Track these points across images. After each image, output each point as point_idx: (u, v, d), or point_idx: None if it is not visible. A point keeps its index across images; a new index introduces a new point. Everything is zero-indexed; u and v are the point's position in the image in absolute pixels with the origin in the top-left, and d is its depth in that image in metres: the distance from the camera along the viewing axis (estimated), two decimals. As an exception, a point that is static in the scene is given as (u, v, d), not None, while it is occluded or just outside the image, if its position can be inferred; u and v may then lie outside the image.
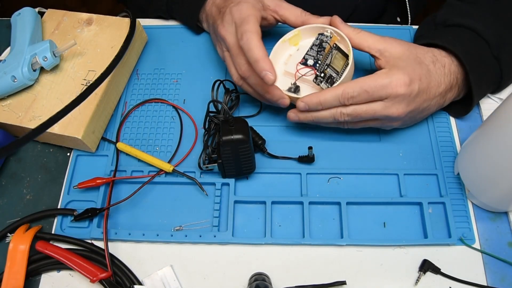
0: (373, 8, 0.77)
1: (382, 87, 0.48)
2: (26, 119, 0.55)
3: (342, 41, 0.54)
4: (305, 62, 0.54)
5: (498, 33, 0.53)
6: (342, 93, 0.49)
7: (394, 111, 0.50)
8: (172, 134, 0.58)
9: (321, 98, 0.50)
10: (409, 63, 0.50)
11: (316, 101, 0.50)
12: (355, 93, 0.49)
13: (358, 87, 0.49)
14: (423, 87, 0.50)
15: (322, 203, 0.53)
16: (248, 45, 0.49)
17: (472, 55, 0.51)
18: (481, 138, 0.48)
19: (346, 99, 0.49)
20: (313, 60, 0.54)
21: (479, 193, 0.50)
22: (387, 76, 0.49)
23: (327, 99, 0.50)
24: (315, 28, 0.56)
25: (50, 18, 0.63)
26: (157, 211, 0.53)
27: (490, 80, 0.54)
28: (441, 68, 0.52)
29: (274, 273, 0.49)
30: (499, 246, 0.50)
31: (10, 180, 0.56)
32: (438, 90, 0.52)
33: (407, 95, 0.49)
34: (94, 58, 0.59)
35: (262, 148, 0.55)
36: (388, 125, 0.54)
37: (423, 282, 0.49)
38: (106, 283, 0.48)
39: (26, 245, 0.48)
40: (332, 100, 0.50)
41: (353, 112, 0.50)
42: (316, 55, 0.54)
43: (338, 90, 0.49)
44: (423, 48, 0.53)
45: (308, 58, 0.54)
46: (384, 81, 0.48)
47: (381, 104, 0.49)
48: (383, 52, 0.51)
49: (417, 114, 0.53)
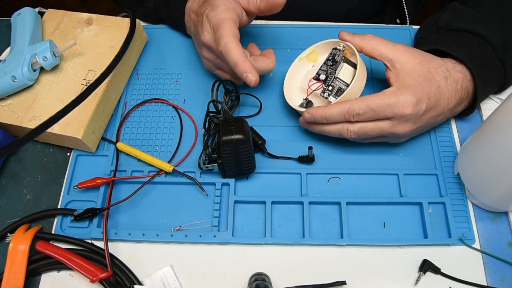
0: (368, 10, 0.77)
1: (388, 106, 0.48)
2: (26, 119, 0.55)
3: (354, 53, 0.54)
4: (318, 77, 0.55)
5: (503, 36, 0.52)
6: (348, 110, 0.49)
7: (401, 129, 0.49)
8: (172, 134, 0.58)
9: (327, 112, 0.50)
10: (418, 81, 0.49)
11: (321, 114, 0.50)
12: (361, 110, 0.48)
13: (365, 105, 0.48)
14: (431, 105, 0.49)
15: (322, 203, 0.53)
16: (226, 50, 0.49)
17: (478, 60, 0.51)
18: (481, 138, 0.48)
19: (352, 116, 0.49)
20: (324, 75, 0.54)
21: (479, 193, 0.50)
22: (394, 95, 0.48)
23: (332, 114, 0.50)
24: (330, 43, 0.56)
25: (50, 18, 0.63)
26: (157, 211, 0.53)
27: (495, 82, 0.54)
28: (453, 84, 0.51)
29: (274, 273, 0.49)
30: (499, 246, 0.50)
31: (10, 180, 0.56)
32: (447, 106, 0.51)
33: (413, 115, 0.48)
34: (94, 58, 0.59)
35: (262, 148, 0.55)
36: (394, 141, 0.54)
37: (423, 282, 0.49)
38: (106, 283, 0.48)
39: (26, 245, 0.48)
40: (337, 116, 0.49)
41: (360, 130, 0.50)
42: (327, 69, 0.54)
43: (344, 106, 0.49)
44: (437, 62, 0.51)
45: (321, 73, 0.55)
46: (391, 100, 0.48)
47: (388, 122, 0.49)
48: (394, 63, 0.50)
49: (424, 129, 0.53)
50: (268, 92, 0.61)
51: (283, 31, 0.66)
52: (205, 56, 0.57)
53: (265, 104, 0.60)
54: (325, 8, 0.73)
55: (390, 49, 0.51)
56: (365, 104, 0.48)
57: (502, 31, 0.53)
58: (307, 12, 0.73)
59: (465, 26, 0.54)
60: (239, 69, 0.49)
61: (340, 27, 0.66)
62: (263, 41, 0.65)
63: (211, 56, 0.56)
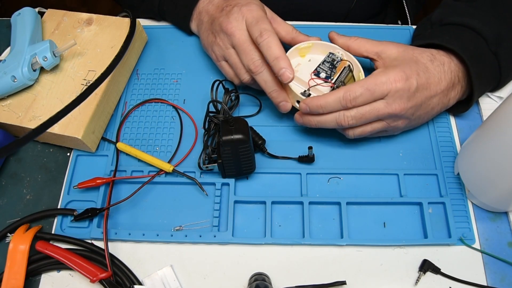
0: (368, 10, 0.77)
1: (381, 83, 0.49)
2: (26, 119, 0.55)
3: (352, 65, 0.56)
4: (318, 74, 0.55)
5: (495, 29, 0.53)
6: (343, 95, 0.49)
7: (397, 107, 0.50)
8: (172, 134, 0.58)
9: (322, 101, 0.50)
10: (405, 62, 0.51)
11: (317, 103, 0.50)
12: (358, 93, 0.49)
13: (359, 87, 0.49)
14: (422, 82, 0.50)
15: (322, 203, 0.53)
16: (268, 43, 0.50)
17: (471, 51, 0.52)
18: (481, 138, 0.48)
19: (349, 101, 0.49)
20: (325, 74, 0.55)
21: (479, 193, 0.50)
22: (384, 73, 0.49)
23: (329, 102, 0.50)
24: (326, 46, 0.57)
25: (50, 18, 0.63)
26: (157, 211, 0.53)
27: (490, 75, 0.54)
28: (440, 66, 0.52)
29: (274, 273, 0.49)
30: (499, 246, 0.50)
31: (10, 180, 0.56)
32: (439, 87, 0.52)
33: (406, 89, 0.49)
34: (94, 58, 0.59)
35: (262, 148, 0.55)
36: (394, 126, 0.53)
37: (423, 282, 0.49)
38: (106, 283, 0.48)
39: (26, 245, 0.48)
40: (334, 103, 0.50)
41: (357, 114, 0.50)
42: (328, 71, 0.55)
43: (340, 92, 0.49)
44: (420, 49, 0.53)
45: (321, 71, 0.55)
46: (382, 78, 0.49)
47: (383, 102, 0.50)
48: (380, 54, 0.53)
49: (421, 111, 0.53)
50: (268, 92, 0.61)
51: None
52: (219, 43, 0.57)
53: (265, 104, 0.60)
54: (325, 8, 0.73)
55: (375, 44, 0.54)
56: (359, 85, 0.49)
57: (494, 24, 0.53)
58: (307, 12, 0.73)
59: (458, 20, 0.54)
60: (279, 64, 0.49)
61: (340, 27, 0.66)
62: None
63: (225, 45, 0.56)
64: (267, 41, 0.50)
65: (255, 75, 0.53)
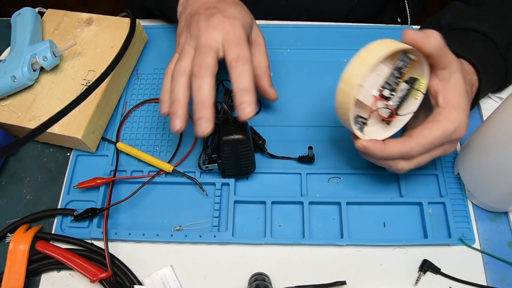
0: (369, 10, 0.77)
1: (448, 136, 0.44)
2: (26, 119, 0.55)
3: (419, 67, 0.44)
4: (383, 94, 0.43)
5: (505, 33, 0.52)
6: (410, 152, 0.44)
7: (451, 151, 0.47)
8: (172, 134, 0.58)
9: (385, 152, 0.44)
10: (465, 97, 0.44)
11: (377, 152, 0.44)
12: (424, 149, 0.44)
13: (427, 143, 0.44)
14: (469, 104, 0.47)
15: (322, 203, 0.53)
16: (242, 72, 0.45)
17: (482, 58, 0.51)
18: (481, 138, 0.48)
19: (412, 156, 0.45)
20: (389, 92, 0.43)
21: (479, 193, 0.50)
22: (451, 122, 0.43)
23: (391, 155, 0.44)
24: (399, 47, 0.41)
25: (50, 18, 0.63)
26: (157, 211, 0.53)
27: (497, 79, 0.54)
28: (470, 87, 0.50)
29: (274, 273, 0.49)
30: (499, 246, 0.50)
31: (10, 180, 0.56)
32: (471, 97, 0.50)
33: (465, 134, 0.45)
34: (94, 58, 0.59)
35: (262, 148, 0.55)
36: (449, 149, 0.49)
37: (423, 282, 0.49)
38: (106, 283, 0.48)
39: (26, 245, 0.48)
40: (397, 155, 0.44)
41: (414, 166, 0.46)
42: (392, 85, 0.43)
43: (406, 146, 0.43)
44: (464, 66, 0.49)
45: (386, 89, 0.43)
46: (450, 130, 0.43)
47: (441, 149, 0.46)
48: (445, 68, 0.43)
49: None
50: (268, 92, 0.61)
51: (283, 31, 0.66)
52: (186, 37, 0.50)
53: (265, 104, 0.60)
54: (325, 8, 0.73)
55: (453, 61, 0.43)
56: (428, 142, 0.43)
57: (504, 29, 0.53)
58: (307, 12, 0.73)
59: (467, 25, 0.53)
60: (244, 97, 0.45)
61: (340, 27, 0.66)
62: (263, 41, 0.65)
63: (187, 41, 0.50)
64: (242, 69, 0.45)
65: (195, 77, 0.46)
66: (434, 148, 0.45)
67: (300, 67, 0.63)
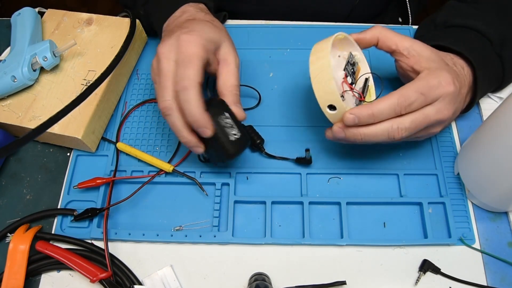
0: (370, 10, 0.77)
1: (435, 87, 0.45)
2: (26, 119, 0.55)
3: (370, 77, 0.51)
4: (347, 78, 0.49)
5: (500, 31, 0.53)
6: (398, 101, 0.44)
7: (446, 113, 0.46)
8: (172, 134, 0.58)
9: (374, 109, 0.44)
10: (442, 64, 0.48)
11: (368, 112, 0.44)
12: (412, 98, 0.44)
13: (413, 91, 0.44)
14: (460, 84, 0.48)
15: (322, 203, 0.53)
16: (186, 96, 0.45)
17: (477, 54, 0.51)
18: (481, 138, 0.48)
19: (404, 108, 0.44)
20: (350, 79, 0.50)
21: (479, 193, 0.50)
22: (435, 76, 0.45)
23: (381, 110, 0.44)
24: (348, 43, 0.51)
25: (50, 18, 0.63)
26: (157, 211, 0.53)
27: (494, 77, 0.54)
28: (461, 69, 0.51)
29: (274, 273, 0.49)
30: (499, 246, 0.50)
31: (10, 180, 0.56)
32: (464, 91, 0.50)
33: (455, 93, 0.46)
34: (94, 58, 0.59)
35: (260, 147, 0.55)
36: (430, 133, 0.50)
37: (423, 282, 0.49)
38: (106, 283, 0.48)
39: (26, 245, 0.48)
40: (387, 111, 0.44)
41: (412, 124, 0.45)
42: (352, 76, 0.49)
43: (393, 98, 0.44)
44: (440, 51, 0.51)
45: (348, 75, 0.49)
46: (433, 81, 0.45)
47: (433, 108, 0.46)
48: (411, 50, 0.48)
49: (456, 113, 0.50)
50: (268, 91, 0.61)
51: (283, 31, 0.66)
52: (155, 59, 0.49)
53: (264, 104, 0.60)
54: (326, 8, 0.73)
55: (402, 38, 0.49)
56: (413, 90, 0.44)
57: (499, 26, 0.53)
58: (308, 12, 0.73)
59: (463, 22, 0.54)
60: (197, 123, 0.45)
61: (341, 27, 0.66)
62: (263, 41, 0.65)
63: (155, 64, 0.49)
64: (186, 93, 0.45)
65: (164, 116, 0.47)
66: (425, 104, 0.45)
67: (300, 67, 0.63)
